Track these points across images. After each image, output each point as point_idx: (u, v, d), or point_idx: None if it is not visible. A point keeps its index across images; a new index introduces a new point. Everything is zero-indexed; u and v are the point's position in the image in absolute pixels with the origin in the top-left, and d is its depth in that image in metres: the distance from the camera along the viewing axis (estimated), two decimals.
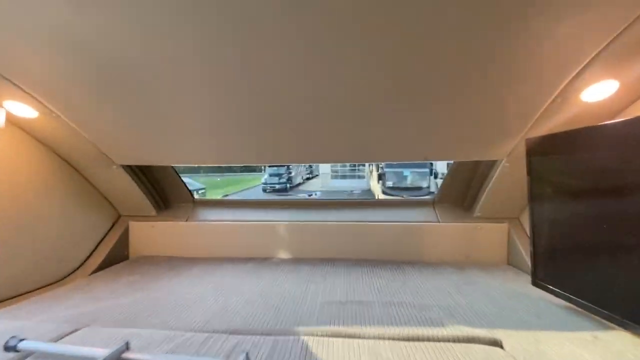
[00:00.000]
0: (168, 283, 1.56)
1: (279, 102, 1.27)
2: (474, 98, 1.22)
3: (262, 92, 1.22)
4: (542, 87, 1.18)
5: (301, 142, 1.55)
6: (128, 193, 1.95)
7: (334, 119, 1.35)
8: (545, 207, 1.29)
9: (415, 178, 16.03)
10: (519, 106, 1.27)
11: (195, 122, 1.43)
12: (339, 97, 1.23)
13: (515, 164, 1.56)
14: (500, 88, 1.17)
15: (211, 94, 1.24)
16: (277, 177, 22.34)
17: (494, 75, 1.12)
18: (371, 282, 1.54)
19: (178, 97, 1.27)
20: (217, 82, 1.17)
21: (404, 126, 1.39)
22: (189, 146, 1.61)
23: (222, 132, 1.49)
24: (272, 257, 1.95)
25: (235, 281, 1.58)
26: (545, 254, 1.30)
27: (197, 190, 14.81)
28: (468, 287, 1.45)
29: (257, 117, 1.37)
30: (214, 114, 1.37)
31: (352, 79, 1.14)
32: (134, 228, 2.06)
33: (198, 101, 1.29)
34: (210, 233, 2.02)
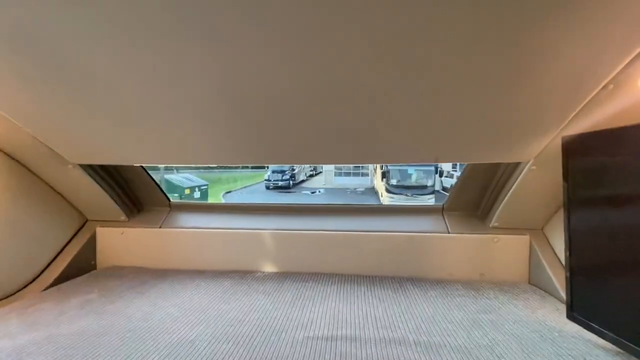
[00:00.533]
0: (127, 304, 1.32)
1: (267, 99, 1.04)
2: (495, 89, 0.95)
3: (244, 87, 0.99)
4: (590, 71, 0.90)
5: (301, 142, 1.30)
6: (93, 196, 1.71)
7: (334, 115, 1.11)
8: (586, 220, 1.02)
9: (420, 176, 15.74)
10: (555, 98, 0.99)
11: (158, 118, 1.18)
12: (339, 93, 0.99)
13: (543, 167, 1.29)
14: (531, 76, 0.90)
15: (179, 87, 1.01)
16: (281, 174, 22.16)
17: (524, 61, 0.85)
18: (367, 307, 1.29)
19: (136, 92, 1.04)
20: (185, 74, 0.95)
21: (412, 124, 1.14)
22: (153, 144, 1.37)
23: (194, 129, 1.24)
24: (255, 271, 1.71)
25: (205, 303, 1.33)
26: (585, 278, 1.03)
27: (199, 187, 14.65)
28: (486, 319, 1.19)
29: (245, 115, 1.13)
30: (184, 109, 1.12)
31: (353, 70, 0.90)
32: (102, 235, 1.83)
33: (160, 95, 1.04)
34: (186, 241, 1.77)
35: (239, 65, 0.90)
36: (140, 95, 1.05)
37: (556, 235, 1.51)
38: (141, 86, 1.01)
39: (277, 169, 21.91)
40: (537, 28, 0.75)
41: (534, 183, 1.36)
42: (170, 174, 13.64)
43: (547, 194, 1.41)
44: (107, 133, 1.30)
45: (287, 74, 0.92)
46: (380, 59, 0.86)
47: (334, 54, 0.85)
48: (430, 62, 0.86)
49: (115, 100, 1.08)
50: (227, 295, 1.41)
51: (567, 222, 1.07)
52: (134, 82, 0.99)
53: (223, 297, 1.39)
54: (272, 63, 0.89)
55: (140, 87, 1.01)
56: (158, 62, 0.90)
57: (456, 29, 0.76)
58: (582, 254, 1.04)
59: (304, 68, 0.90)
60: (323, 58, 0.87)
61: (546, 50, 0.83)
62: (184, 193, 11.42)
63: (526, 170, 1.33)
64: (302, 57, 0.86)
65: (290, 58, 0.87)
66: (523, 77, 0.91)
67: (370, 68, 0.89)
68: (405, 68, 0.89)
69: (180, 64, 0.90)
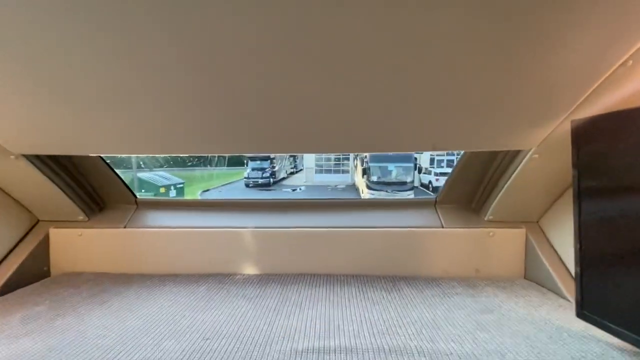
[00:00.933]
0: (81, 318, 1.13)
1: (250, 82, 0.90)
2: (498, 70, 0.86)
3: (222, 66, 0.84)
4: (608, 47, 0.81)
5: (289, 130, 1.15)
6: (45, 192, 1.48)
7: (325, 101, 0.98)
8: (598, 210, 0.94)
9: (400, 172, 15.98)
10: (566, 78, 0.90)
11: (118, 102, 0.99)
12: (331, 78, 0.88)
13: (546, 156, 1.21)
14: (539, 54, 0.80)
15: (144, 66, 0.84)
16: (261, 172, 21.80)
17: (531, 36, 0.75)
18: (361, 311, 1.16)
19: (91, 71, 0.86)
20: (151, 50, 0.79)
21: (408, 110, 1.03)
22: (111, 132, 1.17)
23: (162, 114, 1.06)
24: (234, 274, 1.54)
25: (176, 312, 1.16)
26: (597, 273, 0.95)
27: (175, 185, 14.08)
28: (489, 319, 1.10)
29: (225, 99, 0.98)
30: (151, 91, 0.94)
31: (346, 53, 0.79)
32: (57, 237, 1.60)
33: (120, 75, 0.87)
34: (155, 243, 1.58)
35: (214, 40, 0.75)
36: (97, 75, 0.87)
37: (553, 228, 1.44)
38: (98, 64, 0.83)
39: (257, 167, 21.54)
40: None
41: (535, 173, 1.29)
42: (144, 172, 13.05)
43: (547, 184, 1.34)
44: (55, 119, 1.09)
45: (275, 55, 0.80)
46: (374, 40, 0.75)
47: (326, 37, 0.75)
48: (429, 42, 0.76)
49: (64, 80, 0.89)
50: (203, 303, 1.24)
51: (577, 213, 0.98)
52: (89, 59, 0.81)
53: (197, 305, 1.22)
54: (256, 41, 0.75)
55: (97, 65, 0.83)
56: (118, 37, 0.74)
57: (456, 4, 0.66)
58: (593, 246, 0.96)
59: (294, 49, 0.78)
60: (315, 42, 0.75)
61: (559, 23, 0.73)
62: (158, 192, 10.93)
63: (527, 159, 1.24)
64: (292, 38, 0.74)
65: (279, 38, 0.74)
66: (530, 55, 0.81)
67: (363, 50, 0.78)
68: (401, 49, 0.78)
69: (145, 38, 0.74)
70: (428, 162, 21.73)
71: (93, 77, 0.88)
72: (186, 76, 0.88)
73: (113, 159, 1.83)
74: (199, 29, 0.73)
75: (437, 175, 17.32)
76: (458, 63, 0.83)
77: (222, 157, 23.14)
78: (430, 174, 18.20)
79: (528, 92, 0.95)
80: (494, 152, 1.43)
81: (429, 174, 18.39)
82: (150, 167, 14.14)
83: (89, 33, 0.74)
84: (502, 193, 1.41)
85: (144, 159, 12.68)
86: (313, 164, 23.97)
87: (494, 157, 1.46)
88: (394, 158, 16.29)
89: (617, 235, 0.89)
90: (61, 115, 1.07)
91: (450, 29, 0.74)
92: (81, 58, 0.81)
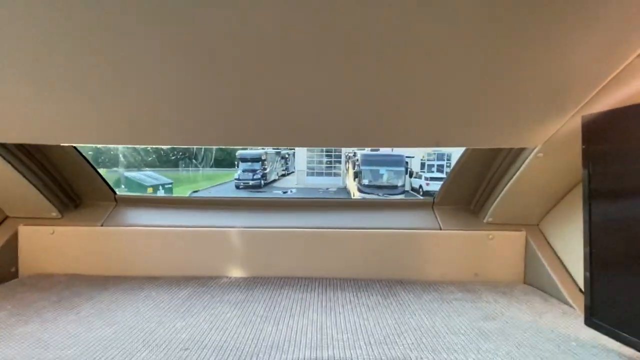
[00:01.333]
0: (45, 325, 1.01)
1: (244, 69, 0.81)
2: (505, 63, 0.80)
3: (213, 50, 0.76)
4: (622, 38, 0.75)
5: (289, 123, 1.07)
6: (14, 186, 1.36)
7: (326, 94, 0.91)
8: (610, 211, 0.88)
9: (391, 176, 16.08)
10: (577, 71, 0.84)
11: (90, 86, 0.89)
12: (333, 71, 0.81)
13: (552, 155, 1.15)
14: (549, 46, 0.74)
15: (120, 49, 0.75)
16: (252, 173, 21.61)
17: (540, 27, 0.70)
18: (356, 318, 1.08)
19: (63, 53, 0.76)
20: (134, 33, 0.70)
21: (411, 105, 0.96)
22: (81, 119, 1.06)
23: (130, 103, 0.97)
24: (219, 277, 1.44)
25: (154, 319, 1.06)
26: (609, 279, 0.89)
27: (163, 185, 13.77)
28: (493, 327, 1.03)
29: (215, 87, 0.89)
30: (127, 75, 0.85)
31: (347, 44, 0.73)
32: (27, 235, 1.47)
33: (95, 57, 0.78)
34: (134, 242, 1.47)
35: (198, 27, 0.68)
36: (70, 59, 0.77)
37: (554, 231, 1.39)
38: (70, 48, 0.74)
39: (247, 168, 21.33)
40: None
41: (538, 173, 1.23)
42: (132, 172, 12.74)
43: (550, 185, 1.29)
44: (20, 103, 0.98)
45: (270, 46, 0.72)
46: (377, 32, 0.69)
47: (327, 30, 0.69)
48: (434, 38, 0.70)
49: (29, 61, 0.79)
50: (184, 309, 1.14)
51: (587, 215, 0.92)
52: (61, 43, 0.72)
53: (178, 311, 1.12)
54: (251, 24, 0.67)
55: (70, 49, 0.74)
56: (93, 21, 0.66)
57: (463, 1, 0.61)
58: (604, 250, 0.90)
59: (290, 41, 0.71)
60: (314, 36, 0.70)
61: (567, 21, 0.67)
62: (145, 192, 10.69)
63: (531, 158, 1.19)
64: (288, 29, 0.68)
65: (277, 23, 0.67)
66: (538, 53, 0.76)
67: (367, 45, 0.72)
68: (406, 45, 0.72)
69: (123, 24, 0.67)
70: (419, 167, 21.90)
71: (66, 61, 0.79)
72: (167, 62, 0.79)
73: (97, 157, 1.71)
74: (181, 16, 0.65)
75: (428, 179, 17.47)
76: (464, 59, 0.78)
77: (213, 158, 22.85)
78: (420, 178, 18.36)
79: (535, 89, 0.89)
80: (495, 152, 1.38)
81: (419, 178, 18.54)
82: (138, 166, 13.84)
83: (63, 18, 0.65)
84: (502, 194, 1.35)
85: (132, 157, 12.40)
86: (304, 166, 23.90)
87: (494, 157, 1.40)
88: (385, 162, 16.37)
89: (631, 238, 0.84)
90: (28, 100, 0.96)
91: (456, 26, 0.68)
92: (52, 41, 0.72)
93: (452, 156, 20.96)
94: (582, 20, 0.69)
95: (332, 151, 23.97)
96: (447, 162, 21.86)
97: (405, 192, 15.83)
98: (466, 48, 0.75)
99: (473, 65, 0.80)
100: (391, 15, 0.66)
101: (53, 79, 0.87)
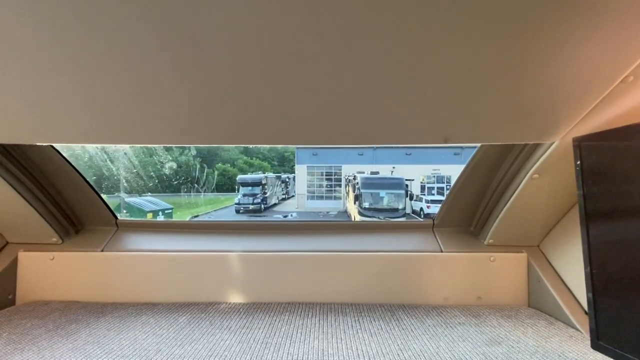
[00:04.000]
0: (41, 353, 0.99)
1: (239, 62, 0.78)
2: (517, 55, 0.77)
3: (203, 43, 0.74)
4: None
5: (291, 119, 1.02)
6: (16, 211, 1.37)
7: (326, 86, 0.87)
8: (609, 231, 0.89)
9: (391, 199, 16.04)
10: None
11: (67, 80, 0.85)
12: (335, 60, 0.79)
13: (546, 176, 1.18)
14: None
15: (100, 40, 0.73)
16: (252, 197, 21.61)
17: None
18: (358, 344, 1.06)
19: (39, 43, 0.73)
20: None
21: (419, 97, 0.91)
22: (65, 117, 0.99)
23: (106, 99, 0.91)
24: (218, 303, 1.42)
25: (151, 347, 1.04)
26: (612, 299, 0.88)
27: (163, 210, 13.73)
28: (498, 352, 1.00)
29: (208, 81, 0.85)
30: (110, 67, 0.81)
31: (350, 31, 0.72)
32: (26, 261, 1.47)
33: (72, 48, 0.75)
34: (134, 268, 1.46)
35: (185, 22, 0.67)
36: (54, 52, 0.75)
37: (554, 252, 1.39)
38: (48, 40, 0.72)
39: (248, 192, 21.36)
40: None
41: (535, 193, 1.25)
42: (132, 197, 12.75)
43: (548, 205, 1.30)
44: (5, 100, 0.91)
45: (267, 38, 0.71)
46: (384, 24, 0.68)
47: (331, 23, 0.68)
48: (442, 28, 0.69)
49: (15, 55, 0.76)
50: (182, 336, 1.12)
51: (585, 235, 0.93)
52: (41, 32, 0.70)
53: (177, 338, 1.10)
54: (246, 18, 0.67)
55: (49, 42, 0.72)
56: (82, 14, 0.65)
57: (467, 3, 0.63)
58: (605, 271, 0.90)
59: (295, 31, 0.70)
60: (317, 30, 0.69)
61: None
62: (145, 217, 10.65)
63: (527, 179, 1.21)
64: (292, 16, 0.67)
65: (275, 12, 0.66)
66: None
67: (371, 35, 0.71)
68: (413, 35, 0.70)
69: (107, 19, 0.66)
70: (419, 189, 21.89)
71: (52, 55, 0.76)
72: (160, 58, 0.77)
73: (99, 183, 1.64)
74: (174, 10, 0.65)
75: (429, 202, 17.43)
76: (473, 53, 0.76)
77: (215, 183, 22.79)
78: (421, 201, 18.32)
79: (551, 80, 0.85)
80: (492, 173, 1.40)
81: (420, 201, 18.50)
82: (140, 191, 13.87)
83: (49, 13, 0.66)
84: (501, 215, 1.36)
85: (134, 182, 12.45)
86: (305, 190, 23.96)
87: (491, 179, 1.42)
88: (385, 185, 16.42)
89: (631, 257, 0.84)
90: (15, 97, 0.90)
91: (464, 21, 0.68)
92: (38, 37, 0.71)
93: (452, 178, 20.97)
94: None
95: (332, 175, 24.12)
96: (447, 184, 21.92)
97: (406, 215, 15.74)
98: (476, 42, 0.73)
99: (483, 58, 0.78)
100: (399, 7, 0.65)
101: (40, 75, 0.83)
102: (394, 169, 22.19)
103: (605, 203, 0.90)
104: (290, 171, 30.85)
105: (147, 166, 15.03)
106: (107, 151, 8.52)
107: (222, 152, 32.71)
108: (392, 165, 22.54)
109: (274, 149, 48.51)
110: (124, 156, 10.23)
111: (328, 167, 24.16)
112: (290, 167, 34.15)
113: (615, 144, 0.88)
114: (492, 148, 1.32)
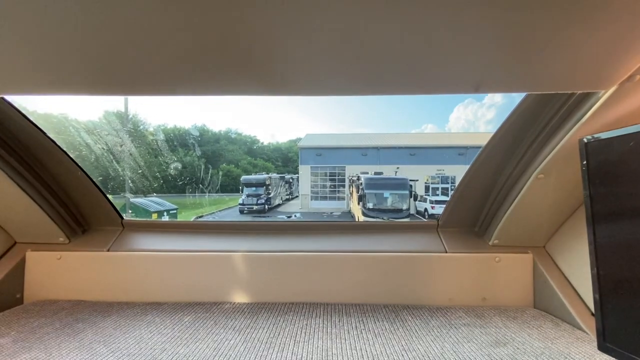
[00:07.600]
0: (48, 351, 1.00)
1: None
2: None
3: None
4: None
5: (305, 68, 0.86)
6: (24, 211, 1.39)
7: (341, 28, 0.71)
8: (616, 232, 0.88)
9: (396, 199, 15.98)
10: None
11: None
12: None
13: (553, 175, 1.17)
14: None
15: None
16: (256, 198, 21.69)
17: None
18: (362, 344, 1.06)
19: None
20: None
21: (447, 36, 0.75)
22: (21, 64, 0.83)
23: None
24: (223, 302, 1.43)
25: (156, 346, 1.04)
26: (620, 300, 0.87)
27: (168, 211, 13.83)
28: (504, 354, 1.00)
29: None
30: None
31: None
32: (34, 260, 1.49)
33: None
34: (140, 267, 1.47)
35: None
36: None
37: (561, 253, 1.37)
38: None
39: (252, 193, 21.44)
40: None
41: (540, 194, 1.24)
42: (137, 198, 12.86)
43: (553, 205, 1.29)
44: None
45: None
46: None
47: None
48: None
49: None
50: (187, 335, 1.13)
51: (592, 236, 0.92)
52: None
53: (181, 338, 1.11)
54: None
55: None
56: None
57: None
58: (613, 271, 0.89)
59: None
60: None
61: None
62: (150, 218, 10.74)
63: (532, 179, 1.20)
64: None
65: None
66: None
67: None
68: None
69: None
70: (423, 190, 21.77)
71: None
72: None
73: (105, 183, 1.61)
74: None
75: (433, 202, 17.35)
76: None
77: (219, 183, 22.88)
78: (425, 202, 18.23)
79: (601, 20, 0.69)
80: (497, 173, 1.39)
81: (424, 202, 18.42)
82: (146, 192, 13.98)
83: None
84: (506, 216, 1.35)
85: (140, 183, 12.54)
86: (309, 190, 23.98)
87: (496, 179, 1.41)
88: (389, 185, 16.37)
89: (639, 258, 0.83)
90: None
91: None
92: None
93: (456, 179, 20.79)
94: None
95: (336, 175, 24.12)
96: (452, 184, 21.78)
97: (410, 216, 15.67)
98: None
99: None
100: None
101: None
102: (398, 169, 22.15)
103: (612, 203, 0.89)
104: (294, 172, 30.88)
105: (152, 167, 15.15)
106: (113, 152, 8.59)
107: (226, 153, 32.74)
108: (396, 166, 22.50)
109: (277, 149, 48.21)
110: (130, 157, 10.32)
111: (332, 167, 24.18)
112: (294, 168, 34.14)
113: (622, 143, 0.87)
114: (496, 148, 1.31)
